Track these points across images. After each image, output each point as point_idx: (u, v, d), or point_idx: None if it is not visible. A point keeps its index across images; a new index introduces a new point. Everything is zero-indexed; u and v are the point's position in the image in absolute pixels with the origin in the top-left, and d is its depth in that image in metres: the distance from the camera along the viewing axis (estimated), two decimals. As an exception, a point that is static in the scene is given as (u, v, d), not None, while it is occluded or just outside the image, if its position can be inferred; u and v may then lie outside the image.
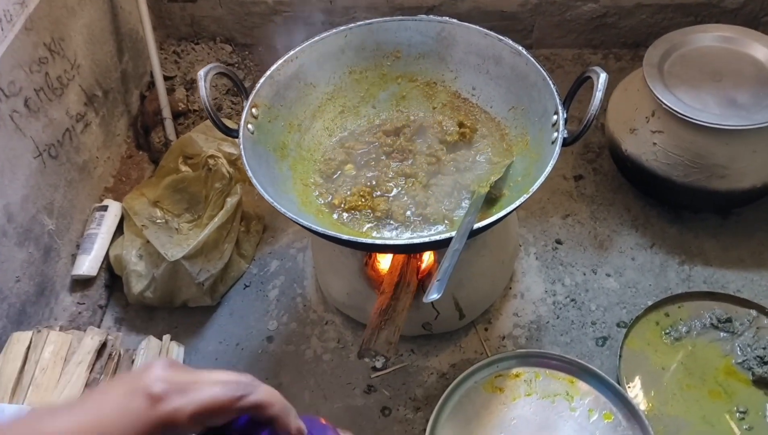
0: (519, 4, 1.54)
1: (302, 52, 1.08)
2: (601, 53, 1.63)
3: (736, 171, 1.16)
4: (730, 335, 1.13)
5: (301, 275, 1.31)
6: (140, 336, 1.25)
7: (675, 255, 1.27)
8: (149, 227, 1.26)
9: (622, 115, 1.29)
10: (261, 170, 0.96)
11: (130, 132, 1.52)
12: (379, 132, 1.11)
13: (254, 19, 1.66)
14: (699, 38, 1.25)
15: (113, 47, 1.45)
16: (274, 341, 1.23)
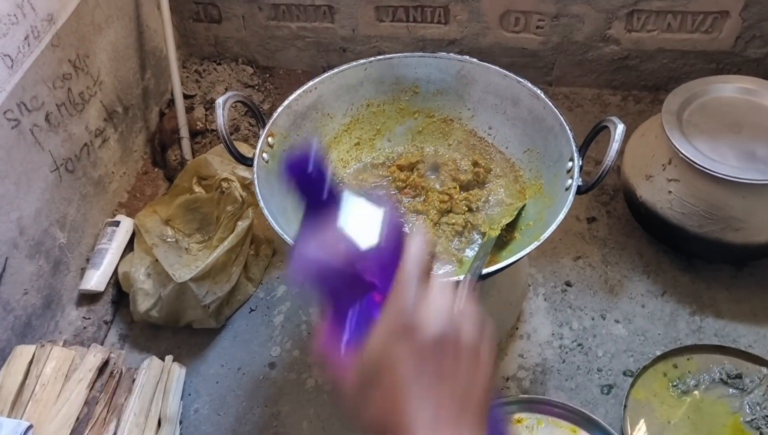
0: (540, 42, 1.54)
1: (321, 83, 1.09)
2: (621, 94, 1.62)
3: (753, 225, 1.15)
4: (739, 392, 1.11)
5: (308, 302, 1.31)
6: (143, 354, 1.25)
7: (686, 305, 1.25)
8: (159, 246, 1.26)
9: (638, 161, 1.28)
10: (273, 200, 0.96)
11: (147, 148, 1.53)
12: (393, 166, 1.11)
13: (276, 42, 1.68)
14: (720, 88, 1.25)
15: (136, 64, 1.47)
16: (276, 368, 1.22)
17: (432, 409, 0.36)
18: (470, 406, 0.38)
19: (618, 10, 1.45)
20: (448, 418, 0.37)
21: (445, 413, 0.37)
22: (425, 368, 0.37)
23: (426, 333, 0.38)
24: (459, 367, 0.38)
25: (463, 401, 0.38)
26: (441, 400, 0.37)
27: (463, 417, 0.37)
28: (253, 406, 1.17)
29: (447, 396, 0.37)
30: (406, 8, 1.54)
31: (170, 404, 1.11)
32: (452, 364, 0.38)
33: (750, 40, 1.44)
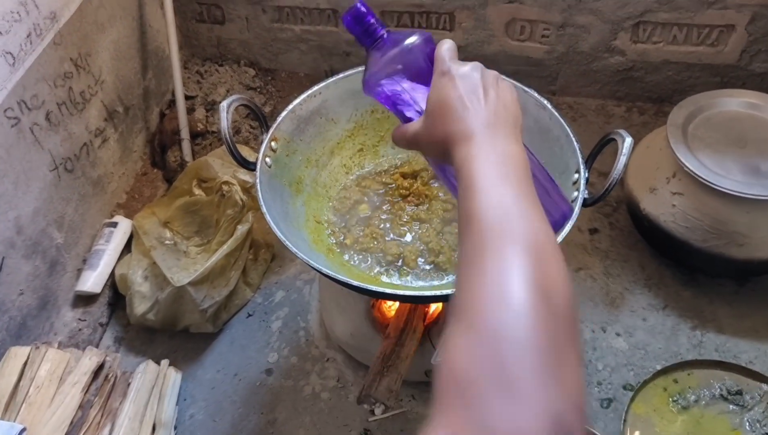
0: (545, 51, 1.54)
1: (326, 88, 1.07)
2: (625, 106, 1.62)
3: (756, 240, 1.14)
4: (739, 408, 1.10)
5: (306, 308, 1.30)
6: (139, 357, 1.23)
7: (687, 319, 1.24)
8: (157, 248, 1.25)
9: (642, 173, 1.27)
10: (275, 205, 0.95)
11: (147, 149, 1.52)
12: (397, 174, 1.10)
13: (280, 45, 1.67)
14: (725, 102, 1.24)
15: (138, 64, 1.46)
16: (273, 374, 1.21)
17: (481, 116, 0.52)
18: (509, 116, 0.54)
19: (624, 22, 1.44)
20: (496, 122, 0.52)
21: (492, 119, 0.52)
22: (471, 96, 0.53)
23: (464, 72, 0.56)
24: (494, 93, 0.54)
25: (501, 113, 0.53)
26: (486, 111, 0.53)
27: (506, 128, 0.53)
28: (249, 412, 1.16)
29: (490, 109, 0.53)
30: (411, 14, 1.53)
31: (165, 409, 1.10)
32: (489, 91, 0.54)
33: (755, 54, 1.44)
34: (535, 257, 0.40)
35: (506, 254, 0.40)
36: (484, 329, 0.36)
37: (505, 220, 0.43)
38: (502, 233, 0.42)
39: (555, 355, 0.36)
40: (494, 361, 0.35)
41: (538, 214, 0.45)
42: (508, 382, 0.33)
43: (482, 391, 0.34)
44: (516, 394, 0.33)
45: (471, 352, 0.36)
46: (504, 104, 0.55)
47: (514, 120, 0.55)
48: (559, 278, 0.40)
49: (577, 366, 0.37)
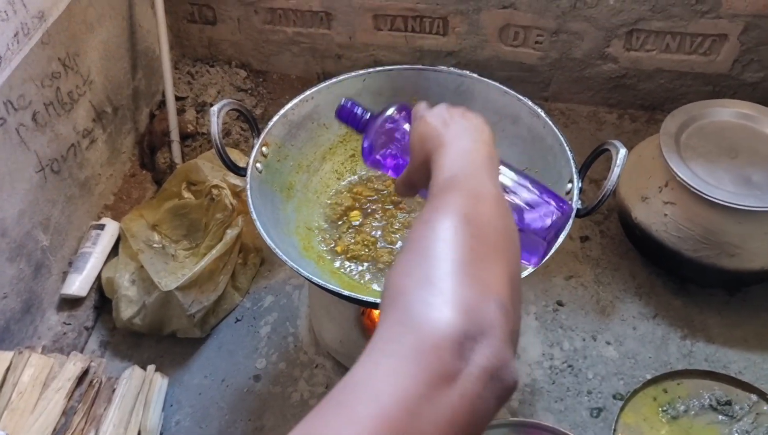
0: (539, 57, 1.54)
1: (318, 93, 1.06)
2: (617, 113, 1.62)
3: (748, 251, 1.14)
4: (728, 419, 1.10)
5: (295, 314, 1.28)
6: (125, 362, 1.22)
7: (678, 328, 1.24)
8: (145, 251, 1.23)
9: (634, 182, 1.27)
10: (265, 211, 0.94)
11: (136, 150, 1.50)
12: (389, 180, 1.09)
13: (272, 46, 1.65)
14: (718, 112, 1.24)
15: (128, 64, 1.44)
16: (260, 380, 1.20)
17: (452, 131, 0.58)
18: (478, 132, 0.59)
19: (618, 29, 1.44)
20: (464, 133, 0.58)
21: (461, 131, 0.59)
22: (441, 122, 0.60)
23: (432, 111, 0.63)
24: (459, 117, 0.61)
25: (469, 128, 0.59)
26: (455, 127, 0.59)
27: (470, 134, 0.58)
28: (236, 419, 1.15)
29: (459, 126, 0.59)
30: (405, 18, 1.52)
31: (151, 416, 1.08)
32: (454, 117, 0.61)
33: (747, 63, 1.44)
34: (468, 202, 0.47)
35: (446, 198, 0.48)
36: (415, 249, 0.43)
37: (451, 184, 0.51)
38: (445, 192, 0.50)
39: (474, 265, 0.41)
40: (420, 271, 0.41)
41: (486, 181, 0.51)
42: (430, 284, 0.39)
43: (409, 294, 0.39)
44: (434, 291, 0.39)
45: (403, 268, 0.42)
46: (473, 124, 0.61)
47: (482, 136, 0.60)
48: (489, 214, 0.47)
49: (501, 276, 0.42)
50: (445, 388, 0.35)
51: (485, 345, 0.37)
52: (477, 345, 0.37)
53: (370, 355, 0.36)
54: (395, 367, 0.35)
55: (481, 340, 0.37)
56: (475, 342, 0.37)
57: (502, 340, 0.38)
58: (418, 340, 0.36)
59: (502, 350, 0.38)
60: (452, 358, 0.36)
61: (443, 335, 0.36)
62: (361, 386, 0.35)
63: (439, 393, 0.35)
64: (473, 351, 0.37)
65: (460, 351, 0.36)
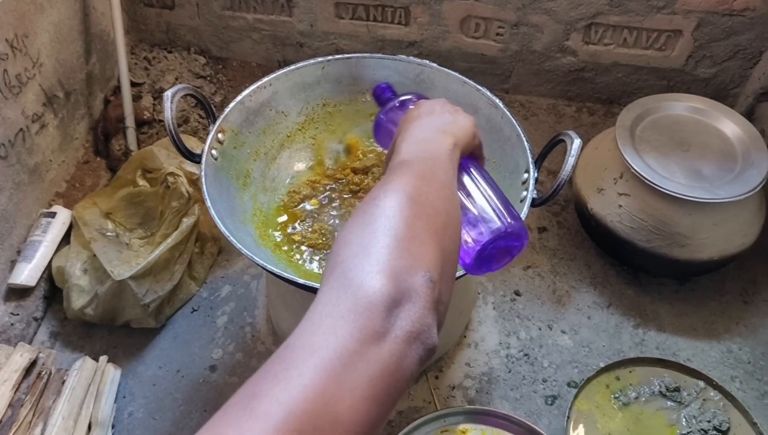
0: (499, 49, 1.54)
1: (277, 80, 1.05)
2: (576, 106, 1.64)
3: (697, 242, 1.17)
4: (677, 405, 1.13)
5: (253, 304, 1.27)
6: (75, 353, 1.19)
7: (630, 317, 1.27)
8: (98, 240, 1.20)
9: (590, 174, 1.29)
10: (221, 199, 0.92)
11: (90, 136, 1.46)
12: (348, 169, 1.08)
13: (231, 33, 1.62)
14: (671, 106, 1.27)
15: (81, 48, 1.40)
16: (217, 371, 1.18)
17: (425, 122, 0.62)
18: (457, 127, 0.62)
19: (576, 22, 1.46)
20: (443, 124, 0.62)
21: (440, 121, 0.63)
22: (426, 111, 0.64)
23: (429, 101, 0.68)
24: (447, 113, 0.64)
25: (445, 124, 0.62)
26: (436, 116, 0.63)
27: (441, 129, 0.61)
28: (191, 410, 1.13)
29: (436, 120, 0.63)
30: (367, 6, 1.51)
31: (102, 407, 1.06)
32: (443, 112, 0.64)
33: (700, 59, 1.48)
34: (415, 183, 0.50)
35: (396, 177, 0.51)
36: (359, 223, 0.46)
37: (402, 165, 0.55)
38: (395, 172, 0.53)
39: (410, 240, 0.45)
40: (360, 242, 0.44)
41: (435, 168, 0.55)
42: (367, 254, 0.43)
43: (348, 261, 0.43)
44: (371, 260, 0.43)
45: (346, 239, 0.45)
46: (453, 120, 0.63)
47: (458, 131, 0.62)
48: (433, 196, 0.50)
49: (433, 253, 0.46)
50: (375, 346, 0.40)
51: (410, 310, 0.42)
52: (402, 310, 0.42)
53: (312, 316, 0.41)
54: (333, 326, 0.39)
55: (406, 305, 0.42)
56: (401, 307, 0.42)
57: (426, 308, 0.43)
58: (354, 303, 0.40)
59: (424, 316, 0.43)
60: (381, 320, 0.40)
61: (374, 299, 0.41)
62: (304, 342, 0.39)
63: (370, 349, 0.39)
64: (398, 316, 0.41)
65: (388, 314, 0.41)
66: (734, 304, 1.28)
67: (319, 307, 0.41)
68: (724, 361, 1.21)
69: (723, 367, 1.20)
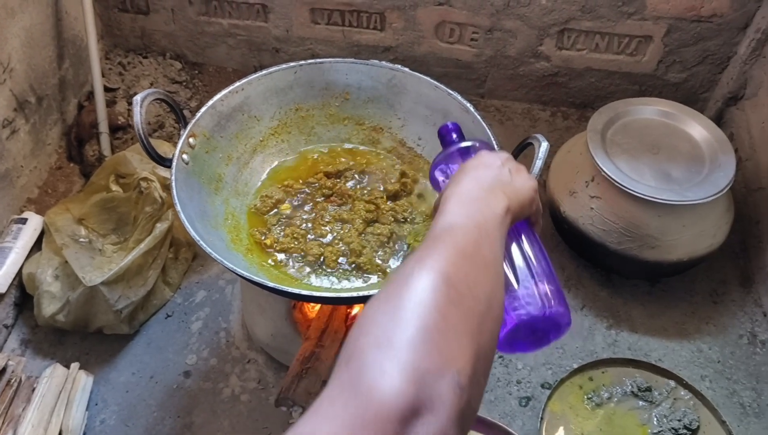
0: (474, 54, 1.56)
1: (249, 84, 1.05)
2: (550, 110, 1.66)
3: (666, 243, 1.19)
4: (648, 404, 1.15)
5: (228, 309, 1.27)
6: (47, 361, 1.17)
7: (603, 319, 1.28)
8: (70, 246, 1.19)
9: (563, 177, 1.31)
10: (192, 203, 0.92)
11: (63, 142, 1.45)
12: (321, 173, 1.08)
13: (207, 38, 1.62)
14: (642, 110, 1.29)
15: (53, 53, 1.39)
16: (191, 377, 1.18)
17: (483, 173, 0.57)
18: (507, 188, 0.57)
19: (549, 28, 1.48)
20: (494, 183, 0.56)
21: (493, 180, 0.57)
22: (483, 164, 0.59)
23: (491, 153, 0.62)
24: (506, 172, 0.58)
25: (501, 183, 0.56)
26: (491, 173, 0.57)
27: (496, 188, 0.56)
28: (164, 416, 1.12)
29: (491, 177, 0.57)
30: (342, 12, 1.52)
31: (73, 415, 1.05)
32: (502, 169, 0.59)
33: (670, 64, 1.50)
34: (455, 260, 0.44)
35: (434, 249, 0.45)
36: (386, 306, 0.40)
37: (445, 233, 0.48)
38: (436, 241, 0.47)
39: (441, 333, 0.39)
40: (383, 331, 0.38)
41: (485, 239, 0.49)
42: (389, 346, 0.37)
43: (365, 354, 0.37)
44: (391, 355, 0.36)
45: (368, 325, 0.40)
46: (511, 180, 0.58)
47: (513, 193, 0.57)
48: (473, 279, 0.44)
49: (467, 349, 0.39)
50: None
51: (430, 423, 0.35)
52: (421, 422, 0.35)
53: (312, 417, 0.35)
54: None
55: (426, 416, 0.35)
56: (419, 418, 0.35)
57: (450, 419, 0.36)
58: (363, 409, 0.34)
59: (447, 429, 0.36)
60: (394, 431, 0.34)
61: (389, 408, 0.34)
62: None
63: None
64: (416, 426, 0.35)
65: (403, 425, 0.34)
66: (704, 305, 1.30)
67: (324, 405, 0.35)
68: (695, 360, 1.23)
69: (693, 367, 1.22)
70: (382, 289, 0.43)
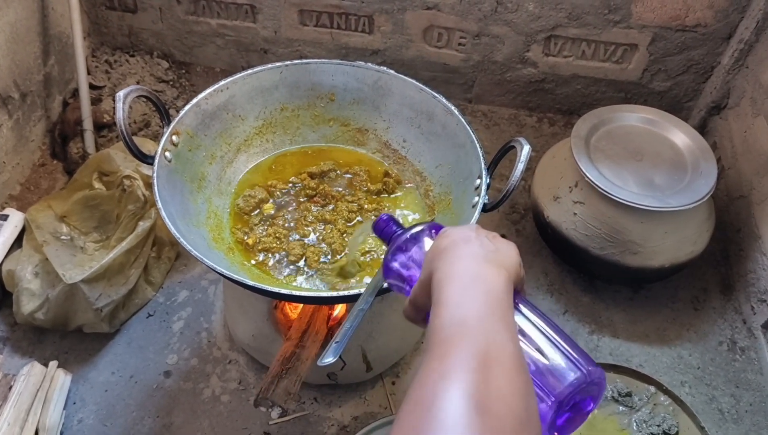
0: (462, 59, 1.57)
1: (234, 84, 1.05)
2: (537, 116, 1.67)
3: (648, 249, 1.20)
4: (628, 410, 1.15)
5: (210, 309, 1.26)
6: (25, 359, 1.16)
7: (586, 324, 1.29)
8: (51, 243, 1.18)
9: (547, 182, 1.31)
10: (173, 201, 0.92)
11: (47, 139, 1.44)
12: (304, 173, 1.08)
13: (195, 38, 1.62)
14: (626, 117, 1.30)
15: (38, 49, 1.38)
16: (171, 376, 1.17)
17: (468, 250, 0.52)
18: (501, 257, 0.52)
19: (537, 34, 1.48)
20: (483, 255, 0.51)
21: (480, 251, 0.52)
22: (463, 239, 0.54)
23: (460, 227, 0.57)
24: (486, 241, 0.54)
25: (490, 251, 0.52)
26: (474, 246, 0.52)
27: (489, 260, 0.51)
28: (143, 416, 1.11)
29: (478, 245, 0.53)
30: (331, 14, 1.52)
31: (50, 413, 1.04)
32: (481, 239, 0.54)
33: (655, 73, 1.51)
34: (480, 370, 0.39)
35: (452, 364, 0.39)
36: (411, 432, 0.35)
37: (459, 332, 0.43)
38: (456, 342, 0.42)
39: None
40: None
41: (501, 331, 0.43)
42: None
43: None
44: None
45: None
46: (496, 248, 0.53)
47: (505, 261, 0.52)
48: (505, 392, 0.39)
49: None
50: None
51: None
52: None
53: None
54: None
55: None
56: None
57: None
58: None
59: None
60: None
61: None
62: None
63: None
64: None
65: None
66: (685, 311, 1.31)
67: None
68: (675, 366, 1.23)
69: (673, 373, 1.22)
70: (402, 413, 0.37)
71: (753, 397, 1.20)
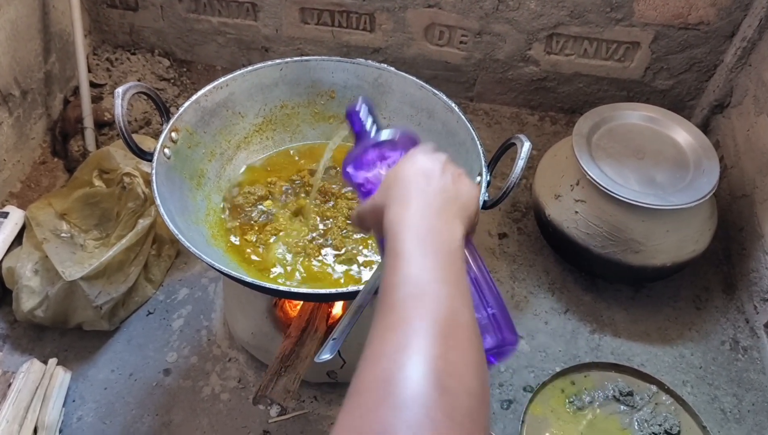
0: (463, 57, 1.56)
1: (234, 81, 1.04)
2: (538, 115, 1.66)
3: (650, 248, 1.19)
4: (629, 409, 1.14)
5: (210, 307, 1.26)
6: (25, 356, 1.16)
7: (587, 323, 1.28)
8: (51, 241, 1.18)
9: (548, 180, 1.31)
10: (172, 198, 0.91)
11: (48, 137, 1.44)
12: (304, 170, 1.08)
13: (196, 36, 1.62)
14: (627, 115, 1.29)
15: (39, 46, 1.38)
16: (171, 374, 1.16)
17: (426, 190, 0.51)
18: (457, 204, 0.52)
19: (538, 32, 1.48)
20: (441, 203, 0.51)
21: (437, 198, 0.51)
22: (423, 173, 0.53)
23: (426, 156, 0.55)
24: (450, 179, 0.53)
25: (449, 197, 0.52)
26: (433, 188, 0.52)
27: (447, 210, 0.51)
28: (143, 414, 1.11)
29: (438, 188, 0.52)
30: (332, 12, 1.52)
31: (49, 411, 1.04)
32: (445, 175, 0.53)
33: (658, 71, 1.51)
34: (437, 344, 0.38)
35: (409, 336, 0.39)
36: (368, 420, 0.35)
37: (419, 296, 0.42)
38: (412, 310, 0.41)
39: None
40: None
41: (457, 297, 0.43)
42: None
43: None
44: None
45: None
46: (457, 193, 0.52)
47: (462, 211, 0.52)
48: (462, 366, 0.38)
49: None
50: None
51: None
52: None
53: None
54: None
55: None
56: None
57: None
58: None
59: None
60: None
61: None
62: None
63: None
64: None
65: None
66: (687, 311, 1.30)
67: None
68: (677, 365, 1.23)
69: (675, 372, 1.22)
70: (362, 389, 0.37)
71: (755, 396, 1.19)
